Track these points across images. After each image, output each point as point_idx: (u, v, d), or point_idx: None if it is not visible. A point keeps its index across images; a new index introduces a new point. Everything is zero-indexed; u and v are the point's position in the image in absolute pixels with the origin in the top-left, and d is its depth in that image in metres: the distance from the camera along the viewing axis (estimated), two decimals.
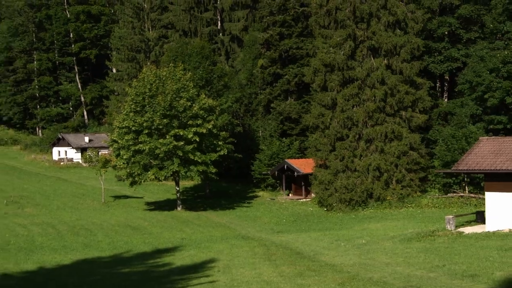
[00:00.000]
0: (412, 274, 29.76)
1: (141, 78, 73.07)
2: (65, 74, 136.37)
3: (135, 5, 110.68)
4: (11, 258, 45.33)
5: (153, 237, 55.36)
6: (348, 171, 67.83)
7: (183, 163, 70.61)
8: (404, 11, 67.54)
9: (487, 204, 47.19)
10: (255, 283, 30.50)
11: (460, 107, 70.17)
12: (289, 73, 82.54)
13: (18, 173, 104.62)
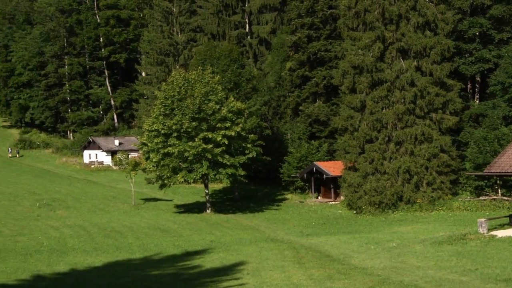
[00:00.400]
0: (444, 278, 29.34)
1: (170, 81, 73.30)
2: (95, 78, 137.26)
3: (164, 9, 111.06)
4: (44, 260, 45.74)
5: (182, 240, 55.33)
6: (377, 174, 67.35)
7: (212, 165, 70.56)
8: (434, 12, 66.98)
9: None
10: (284, 286, 30.38)
11: (492, 108, 69.30)
12: (318, 76, 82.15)
13: (50, 176, 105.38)
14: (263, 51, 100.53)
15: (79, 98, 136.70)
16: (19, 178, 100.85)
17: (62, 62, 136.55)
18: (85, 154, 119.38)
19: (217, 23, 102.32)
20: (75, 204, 77.20)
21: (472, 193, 67.77)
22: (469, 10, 72.69)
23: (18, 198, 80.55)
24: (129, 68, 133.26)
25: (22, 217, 67.81)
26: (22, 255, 48.70)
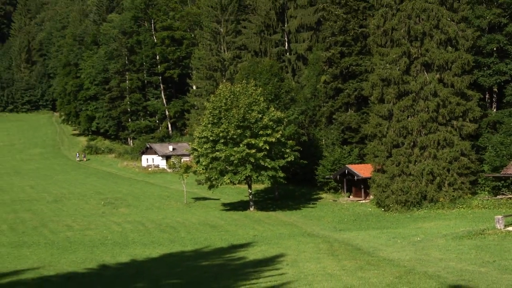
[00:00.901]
0: (464, 269, 29.01)
1: (218, 93, 73.53)
2: (152, 92, 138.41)
3: (212, 30, 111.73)
4: (108, 252, 46.38)
5: (229, 234, 55.46)
6: (403, 175, 66.86)
7: (255, 168, 70.56)
8: (455, 29, 66.38)
9: None
10: (320, 275, 30.28)
11: (508, 116, 68.85)
12: (349, 88, 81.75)
13: (113, 178, 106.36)
14: (300, 66, 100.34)
15: (138, 109, 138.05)
16: (86, 180, 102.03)
17: (124, 77, 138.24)
18: (143, 159, 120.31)
19: (259, 41, 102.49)
20: (135, 203, 77.92)
21: (490, 192, 67.28)
22: (487, 27, 71.99)
23: (86, 197, 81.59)
24: (182, 82, 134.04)
25: (89, 214, 68.76)
26: (90, 247, 49.35)
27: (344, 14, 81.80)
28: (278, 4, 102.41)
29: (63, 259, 43.54)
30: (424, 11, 66.37)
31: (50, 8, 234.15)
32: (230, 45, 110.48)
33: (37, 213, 69.23)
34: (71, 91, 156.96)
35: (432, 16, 66.18)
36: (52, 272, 38.26)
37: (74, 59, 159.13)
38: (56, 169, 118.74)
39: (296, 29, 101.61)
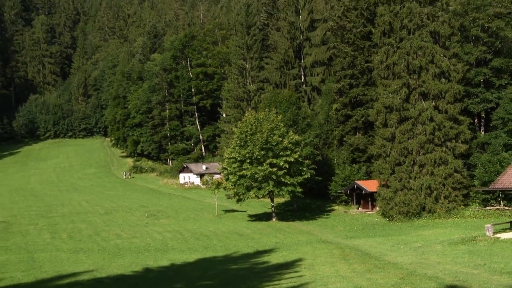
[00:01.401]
0: (459, 271, 28.90)
1: (244, 120, 73.90)
2: (188, 119, 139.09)
3: (239, 66, 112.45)
4: (151, 257, 46.40)
5: (254, 242, 55.36)
6: (405, 190, 66.65)
7: (276, 184, 70.70)
8: (447, 64, 66.35)
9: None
10: (333, 277, 30.24)
11: (494, 138, 68.54)
12: (357, 114, 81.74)
13: (155, 193, 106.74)
14: (315, 96, 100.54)
15: (176, 134, 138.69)
16: (132, 195, 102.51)
17: (164, 107, 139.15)
18: (181, 177, 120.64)
19: (279, 75, 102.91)
20: (173, 214, 77.99)
21: (480, 204, 67.23)
22: (475, 62, 72.05)
23: (132, 210, 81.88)
24: (213, 110, 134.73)
25: (135, 224, 68.97)
26: (135, 253, 49.46)
27: (352, 51, 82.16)
28: (295, 44, 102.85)
29: (113, 263, 43.77)
30: (421, 49, 66.44)
31: (103, 50, 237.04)
32: (255, 79, 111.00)
33: (91, 223, 69.73)
34: (120, 119, 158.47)
35: (428, 52, 66.24)
36: (104, 274, 38.50)
37: (123, 92, 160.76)
38: (107, 186, 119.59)
39: (311, 64, 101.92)
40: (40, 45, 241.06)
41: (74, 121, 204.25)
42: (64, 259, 46.57)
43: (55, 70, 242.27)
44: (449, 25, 67.47)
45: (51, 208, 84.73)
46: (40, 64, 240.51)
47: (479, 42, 72.14)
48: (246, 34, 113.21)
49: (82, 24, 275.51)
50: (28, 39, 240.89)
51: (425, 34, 66.63)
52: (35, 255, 48.75)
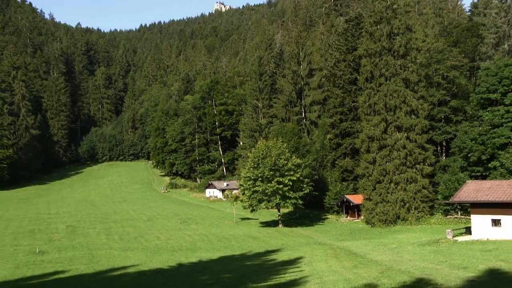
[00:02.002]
0: (426, 266, 28.92)
1: (257, 147, 74.30)
2: (213, 146, 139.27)
3: (253, 104, 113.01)
4: (183, 255, 46.71)
5: (264, 243, 55.37)
6: (384, 202, 66.54)
7: (282, 198, 70.73)
8: (416, 104, 66.60)
9: (472, 222, 46.24)
10: (327, 271, 30.37)
11: (453, 162, 68.52)
12: (346, 143, 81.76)
13: (186, 204, 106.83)
14: (312, 128, 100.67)
15: (203, 158, 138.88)
16: (168, 206, 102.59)
17: (194, 137, 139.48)
18: (207, 191, 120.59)
19: (285, 112, 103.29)
20: (201, 221, 77.99)
21: (442, 213, 67.38)
22: (437, 102, 72.46)
23: (168, 218, 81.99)
24: (233, 139, 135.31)
25: (171, 229, 69.09)
26: (171, 251, 49.70)
27: (342, 93, 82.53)
28: (297, 87, 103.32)
29: (154, 259, 43.99)
30: (395, 92, 66.74)
31: (148, 93, 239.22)
32: (265, 115, 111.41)
33: (137, 228, 69.99)
34: (159, 146, 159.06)
35: (401, 95, 66.56)
36: (146, 268, 38.75)
37: (162, 125, 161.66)
38: (149, 198, 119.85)
39: (310, 103, 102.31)
40: (100, 90, 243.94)
41: (124, 148, 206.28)
42: (116, 255, 46.94)
43: (111, 108, 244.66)
44: (417, 73, 67.94)
45: (106, 215, 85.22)
46: (99, 104, 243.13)
47: (440, 87, 72.61)
48: (258, 80, 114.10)
49: (132, 73, 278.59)
50: (91, 85, 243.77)
51: (399, 80, 66.98)
52: (94, 252, 49.18)
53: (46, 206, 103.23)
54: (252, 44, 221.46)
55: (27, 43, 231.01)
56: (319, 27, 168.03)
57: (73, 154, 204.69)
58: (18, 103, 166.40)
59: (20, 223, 75.48)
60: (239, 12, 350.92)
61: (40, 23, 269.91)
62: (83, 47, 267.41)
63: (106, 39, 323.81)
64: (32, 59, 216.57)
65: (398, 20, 67.74)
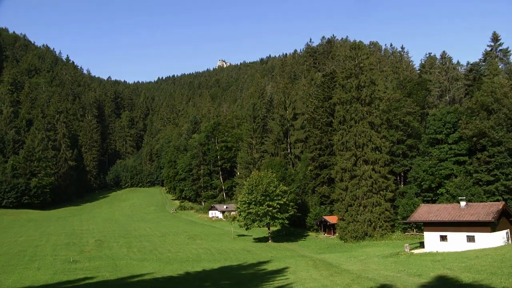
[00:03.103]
0: (388, 274, 28.80)
1: (251, 177, 74.24)
2: (215, 175, 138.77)
3: (248, 142, 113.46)
4: (190, 265, 46.37)
5: (257, 255, 54.79)
6: (354, 222, 66.15)
7: (272, 218, 70.39)
8: (380, 142, 67.14)
9: (425, 238, 46.34)
10: (308, 279, 30.32)
11: (409, 189, 68.68)
12: (324, 173, 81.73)
13: (193, 224, 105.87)
14: (296, 161, 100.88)
15: (207, 185, 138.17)
16: (178, 224, 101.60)
17: (200, 168, 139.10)
18: (210, 213, 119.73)
19: (274, 148, 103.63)
20: (205, 237, 77.13)
21: (401, 231, 67.03)
22: (396, 141, 73.25)
23: (178, 234, 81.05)
24: (231, 170, 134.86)
25: (179, 244, 68.33)
26: (180, 262, 49.19)
27: (320, 133, 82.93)
28: (284, 128, 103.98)
29: (165, 268, 43.50)
30: (363, 132, 67.33)
31: (162, 132, 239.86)
32: (258, 150, 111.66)
33: (152, 242, 69.19)
34: (171, 175, 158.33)
35: (367, 135, 67.13)
36: (160, 275, 38.35)
37: (174, 158, 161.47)
38: (162, 218, 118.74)
39: (294, 141, 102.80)
40: (124, 129, 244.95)
41: (143, 176, 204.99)
42: (135, 265, 46.41)
43: (132, 144, 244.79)
44: (380, 118, 68.78)
45: (127, 232, 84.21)
46: (124, 141, 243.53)
47: (398, 129, 73.47)
48: (252, 122, 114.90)
49: (150, 116, 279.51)
50: (118, 125, 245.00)
51: (365, 123, 67.65)
52: (116, 261, 48.55)
53: (79, 224, 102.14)
54: (247, 93, 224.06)
55: (68, 93, 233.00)
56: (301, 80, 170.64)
57: (102, 181, 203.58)
58: (59, 140, 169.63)
59: (58, 237, 74.65)
60: (238, 67, 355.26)
61: (79, 77, 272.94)
62: (112, 95, 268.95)
63: (130, 89, 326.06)
64: (72, 105, 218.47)
65: (364, 76, 69.09)
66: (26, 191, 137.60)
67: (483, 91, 61.93)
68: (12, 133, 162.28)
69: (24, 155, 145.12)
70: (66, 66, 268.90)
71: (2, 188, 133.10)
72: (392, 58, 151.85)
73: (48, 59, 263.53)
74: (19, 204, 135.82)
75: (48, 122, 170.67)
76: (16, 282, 35.64)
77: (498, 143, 57.74)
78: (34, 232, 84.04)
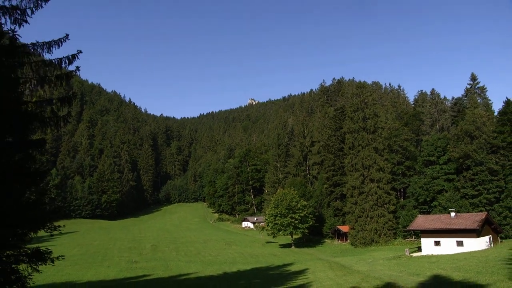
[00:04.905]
0: (392, 274, 28.51)
1: (277, 194, 74.49)
2: (247, 193, 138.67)
3: (274, 165, 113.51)
4: (227, 266, 46.62)
5: (282, 259, 54.61)
6: (363, 230, 65.06)
7: (294, 228, 70.10)
8: (383, 164, 66.49)
9: (422, 243, 45.26)
10: (325, 279, 30.35)
11: (408, 202, 67.50)
12: (337, 190, 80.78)
13: (229, 233, 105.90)
14: (314, 181, 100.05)
15: (240, 201, 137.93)
16: (217, 233, 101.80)
17: (234, 187, 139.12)
18: (243, 223, 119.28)
19: (295, 170, 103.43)
20: (239, 244, 77.11)
21: (402, 237, 65.43)
22: (396, 163, 72.22)
23: (217, 241, 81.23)
24: (260, 188, 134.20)
25: (218, 248, 68.70)
26: (219, 264, 49.45)
27: (333, 157, 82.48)
28: (303, 153, 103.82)
29: (207, 269, 43.90)
30: (369, 156, 66.91)
31: (204, 157, 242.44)
32: (282, 172, 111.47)
33: (196, 247, 69.81)
34: (211, 193, 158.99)
35: (372, 158, 66.65)
36: (202, 274, 38.79)
37: (213, 179, 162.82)
38: (204, 228, 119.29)
39: (312, 164, 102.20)
40: (173, 156, 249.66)
41: (188, 194, 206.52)
42: (182, 266, 47.13)
43: (180, 168, 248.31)
44: (382, 144, 68.29)
45: (176, 239, 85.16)
46: (173, 165, 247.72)
47: (398, 153, 72.62)
48: (277, 149, 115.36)
49: (194, 145, 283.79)
50: (168, 153, 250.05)
51: (371, 148, 67.29)
52: (168, 263, 49.42)
53: (138, 232, 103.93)
54: (272, 125, 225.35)
55: (130, 127, 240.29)
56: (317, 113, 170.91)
57: (156, 198, 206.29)
58: (123, 165, 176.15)
59: (122, 242, 76.34)
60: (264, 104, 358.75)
61: (138, 114, 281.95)
62: (163, 129, 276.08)
63: (178, 123, 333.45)
64: (132, 137, 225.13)
65: (369, 109, 69.29)
66: (98, 205, 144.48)
67: (466, 121, 62.42)
68: (89, 159, 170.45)
69: (97, 177, 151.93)
70: (128, 106, 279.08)
71: (82, 203, 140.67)
72: (391, 95, 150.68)
73: (115, 101, 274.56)
74: (93, 215, 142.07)
75: (115, 151, 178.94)
76: (93, 276, 37.13)
77: (480, 163, 57.79)
78: (104, 238, 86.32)
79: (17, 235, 16.71)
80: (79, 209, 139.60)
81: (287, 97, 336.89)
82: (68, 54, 18.64)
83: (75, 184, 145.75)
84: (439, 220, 44.79)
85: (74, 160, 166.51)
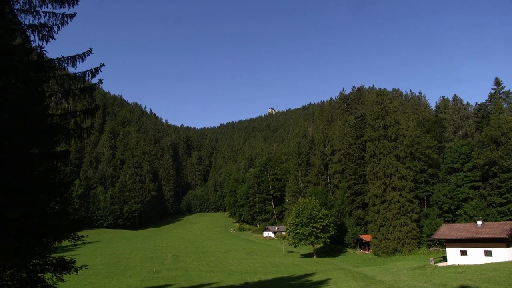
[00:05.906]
0: (416, 285, 27.88)
1: (298, 203, 74.12)
2: (268, 202, 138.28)
3: (295, 174, 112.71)
4: (248, 276, 46.49)
5: (304, 269, 54.05)
6: (386, 239, 63.87)
7: (316, 237, 69.43)
8: (405, 172, 65.32)
9: (447, 253, 43.96)
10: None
11: (432, 211, 66.10)
12: (358, 199, 79.82)
13: (250, 242, 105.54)
14: (335, 189, 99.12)
15: (261, 210, 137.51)
16: (238, 243, 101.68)
17: (255, 196, 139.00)
18: (264, 233, 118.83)
19: (316, 179, 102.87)
20: (260, 253, 76.82)
21: (427, 247, 63.94)
22: (419, 170, 70.80)
23: (238, 251, 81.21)
24: (281, 198, 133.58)
25: (239, 258, 68.61)
26: (239, 274, 49.37)
27: (354, 166, 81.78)
28: (324, 162, 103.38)
29: (228, 279, 43.93)
30: (391, 164, 65.95)
31: (224, 167, 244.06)
32: (303, 181, 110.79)
33: (217, 257, 69.99)
34: (232, 202, 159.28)
35: (394, 166, 65.65)
36: (224, 284, 38.80)
37: (234, 188, 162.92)
38: (225, 237, 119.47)
39: (333, 173, 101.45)
40: (194, 166, 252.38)
41: (209, 204, 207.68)
42: (203, 275, 47.29)
43: (200, 178, 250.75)
44: (404, 151, 67.22)
45: (197, 249, 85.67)
46: (194, 175, 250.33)
47: (420, 160, 71.31)
48: (298, 158, 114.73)
49: (214, 155, 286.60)
50: (189, 163, 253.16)
51: (392, 156, 66.35)
52: (189, 272, 49.71)
53: (160, 241, 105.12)
54: (293, 134, 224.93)
55: (151, 138, 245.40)
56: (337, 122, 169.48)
57: (177, 208, 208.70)
58: (144, 175, 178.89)
59: (144, 252, 77.37)
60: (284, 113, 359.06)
61: (159, 125, 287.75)
62: (184, 139, 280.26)
63: (199, 133, 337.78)
64: (153, 147, 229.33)
65: (389, 117, 68.42)
66: (120, 215, 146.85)
67: (491, 127, 60.76)
68: (111, 170, 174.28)
69: (119, 187, 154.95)
70: (149, 117, 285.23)
71: (104, 213, 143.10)
72: (412, 102, 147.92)
73: (137, 112, 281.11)
74: (115, 225, 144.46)
75: (136, 161, 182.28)
76: (115, 285, 37.67)
77: (508, 170, 56.16)
78: (126, 247, 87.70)
79: (42, 245, 17.23)
80: (101, 219, 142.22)
81: (306, 106, 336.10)
82: (91, 67, 19.36)
83: (98, 195, 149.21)
84: (465, 229, 43.36)
85: (97, 170, 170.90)
